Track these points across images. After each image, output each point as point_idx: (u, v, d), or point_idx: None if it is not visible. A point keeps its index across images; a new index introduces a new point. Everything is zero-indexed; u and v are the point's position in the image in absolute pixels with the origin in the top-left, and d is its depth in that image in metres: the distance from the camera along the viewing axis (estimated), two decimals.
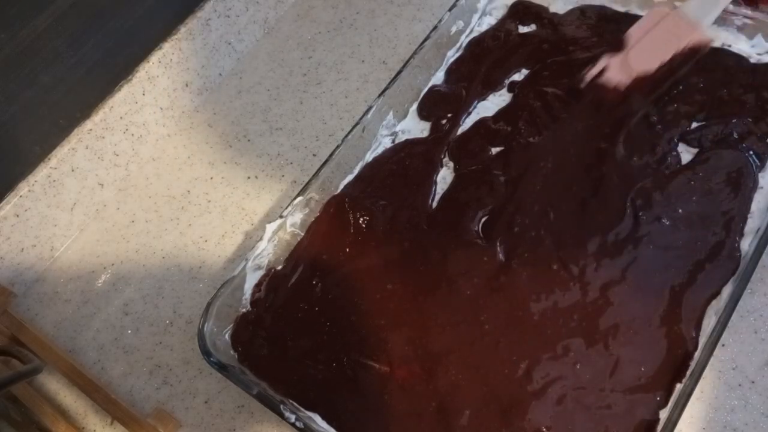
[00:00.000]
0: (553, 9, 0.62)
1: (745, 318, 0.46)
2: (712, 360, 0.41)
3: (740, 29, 0.55)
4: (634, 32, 0.54)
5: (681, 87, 0.53)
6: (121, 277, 0.58)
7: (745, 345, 0.45)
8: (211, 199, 0.61)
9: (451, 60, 0.62)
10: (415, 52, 0.59)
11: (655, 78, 0.53)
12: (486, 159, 0.54)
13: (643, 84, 0.53)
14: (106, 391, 0.50)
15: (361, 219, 0.53)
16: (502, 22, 0.63)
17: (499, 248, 0.49)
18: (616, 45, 0.54)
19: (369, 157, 0.57)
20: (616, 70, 0.54)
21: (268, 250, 0.52)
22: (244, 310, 0.51)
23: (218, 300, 0.48)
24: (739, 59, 0.54)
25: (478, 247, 0.50)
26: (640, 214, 0.48)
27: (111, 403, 0.49)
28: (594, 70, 0.55)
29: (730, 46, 0.55)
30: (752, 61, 0.54)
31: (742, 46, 0.55)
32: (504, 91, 0.59)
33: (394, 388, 0.45)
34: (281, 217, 0.52)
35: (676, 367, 0.42)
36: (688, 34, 0.51)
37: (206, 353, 0.46)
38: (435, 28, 0.60)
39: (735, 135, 0.50)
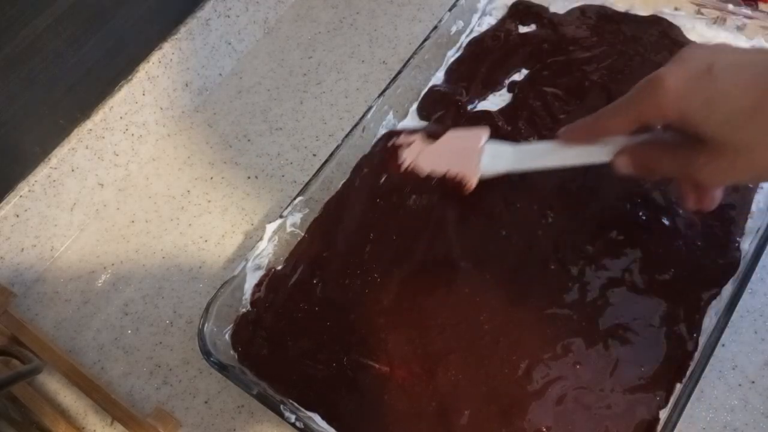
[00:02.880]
0: (553, 9, 0.62)
1: (745, 318, 0.46)
2: (712, 360, 0.41)
3: (740, 29, 0.55)
4: (450, 134, 0.52)
5: None
6: (121, 277, 0.58)
7: (745, 345, 0.45)
8: (211, 199, 0.61)
9: (451, 60, 0.62)
10: (415, 52, 0.59)
11: (414, 178, 0.52)
12: None
13: (409, 177, 0.53)
14: (106, 391, 0.50)
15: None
16: (502, 22, 0.63)
17: (499, 248, 0.49)
18: (435, 135, 0.53)
19: None
20: (413, 152, 0.53)
21: (268, 250, 0.52)
22: (244, 310, 0.51)
23: (218, 300, 0.48)
24: None
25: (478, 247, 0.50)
26: (640, 214, 0.48)
27: (111, 403, 0.49)
28: (407, 140, 0.54)
29: None
30: None
31: (741, 46, 0.55)
32: (504, 91, 0.59)
33: (394, 388, 0.45)
34: (281, 217, 0.52)
35: (676, 367, 0.42)
36: (465, 167, 0.50)
37: (206, 353, 0.46)
38: (435, 28, 0.60)
39: None
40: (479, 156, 0.49)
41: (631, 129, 0.38)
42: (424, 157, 0.53)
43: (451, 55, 0.62)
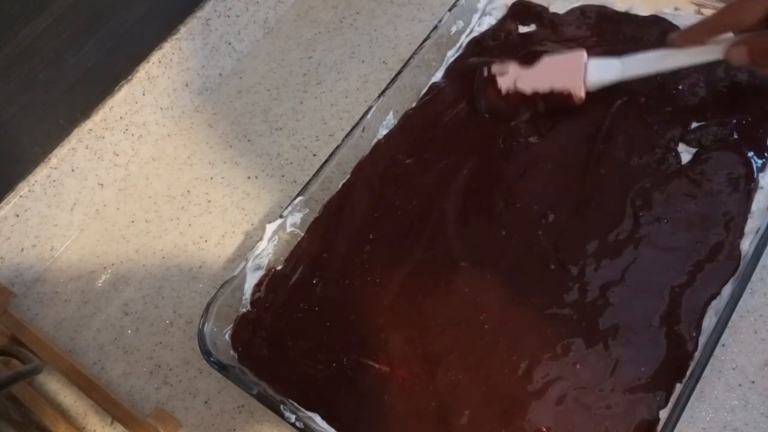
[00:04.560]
0: (553, 9, 0.62)
1: (745, 318, 0.46)
2: (712, 360, 0.41)
3: None
4: (546, 59, 0.54)
5: (681, 86, 0.54)
6: (121, 277, 0.58)
7: (745, 345, 0.45)
8: (211, 199, 0.61)
9: (451, 60, 0.62)
10: (415, 52, 0.59)
11: (520, 99, 0.54)
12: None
13: (512, 98, 0.54)
14: (106, 391, 0.50)
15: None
16: (502, 22, 0.63)
17: (499, 248, 0.49)
18: (528, 59, 0.55)
19: None
20: (510, 78, 0.54)
21: (268, 250, 0.52)
22: (244, 310, 0.51)
23: (218, 300, 0.49)
24: None
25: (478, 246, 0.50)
26: (640, 214, 0.48)
27: (111, 403, 0.49)
28: (501, 69, 0.55)
29: None
30: None
31: None
32: None
33: (394, 388, 0.45)
34: (281, 217, 0.52)
35: (676, 367, 0.42)
36: (570, 82, 0.52)
37: (206, 353, 0.46)
38: (435, 28, 0.60)
39: (735, 135, 0.50)
40: (582, 69, 0.51)
41: (760, 17, 0.41)
42: (522, 79, 0.54)
43: (451, 55, 0.62)
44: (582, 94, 0.52)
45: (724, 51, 0.45)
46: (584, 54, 0.52)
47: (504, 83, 0.55)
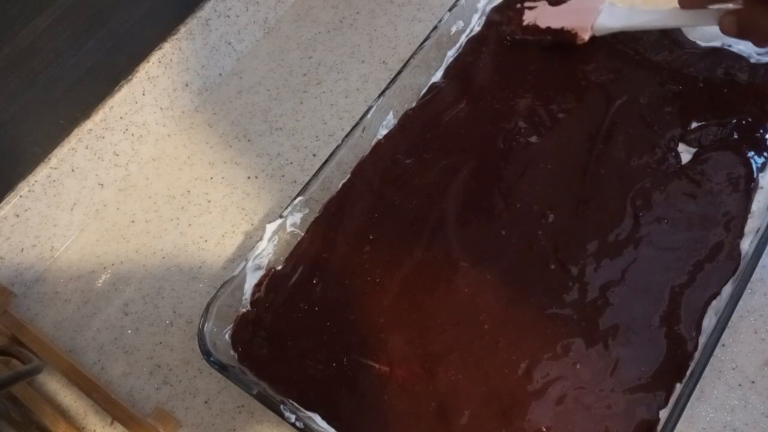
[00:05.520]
0: None
1: (745, 318, 0.46)
2: (712, 360, 0.41)
3: None
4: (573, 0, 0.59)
5: (680, 87, 0.54)
6: (121, 277, 0.58)
7: (745, 345, 0.45)
8: (211, 199, 0.61)
9: (451, 60, 0.62)
10: (415, 52, 0.59)
11: (534, 31, 0.59)
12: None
13: (528, 30, 0.59)
14: (106, 391, 0.50)
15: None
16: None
17: (499, 248, 0.49)
18: (558, 1, 0.60)
19: None
20: (535, 13, 0.60)
21: (268, 250, 0.52)
22: (244, 310, 0.51)
23: (218, 300, 0.48)
24: (739, 59, 0.54)
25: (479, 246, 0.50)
26: (640, 214, 0.48)
27: (111, 403, 0.49)
28: (531, 3, 0.61)
29: (730, 46, 0.55)
30: (752, 61, 0.54)
31: (742, 46, 0.55)
32: None
33: (394, 388, 0.45)
34: (281, 217, 0.52)
35: (676, 367, 0.42)
36: (580, 22, 0.57)
37: (206, 353, 0.46)
38: (435, 28, 0.60)
39: (735, 135, 0.50)
40: (596, 14, 0.56)
41: None
42: (544, 15, 0.59)
43: (451, 55, 0.62)
44: (586, 36, 0.56)
45: (718, 18, 0.47)
46: (606, 0, 0.57)
47: (528, 16, 0.60)
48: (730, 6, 0.46)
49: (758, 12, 0.44)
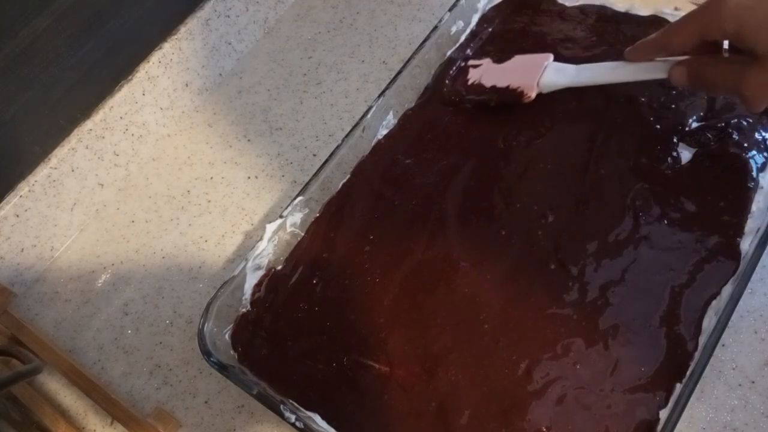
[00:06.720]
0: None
1: (745, 318, 0.46)
2: (712, 360, 0.41)
3: None
4: (516, 57, 0.57)
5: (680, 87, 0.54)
6: (121, 277, 0.58)
7: (745, 345, 0.45)
8: (211, 199, 0.61)
9: None
10: (415, 52, 0.59)
11: (479, 90, 0.56)
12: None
13: (472, 89, 0.57)
14: (106, 391, 0.50)
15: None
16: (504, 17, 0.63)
17: (500, 248, 0.49)
18: (502, 58, 0.58)
19: None
20: (479, 71, 0.58)
21: (268, 250, 0.52)
22: (244, 310, 0.51)
23: (218, 300, 0.48)
24: None
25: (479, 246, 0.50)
26: (640, 214, 0.48)
27: (111, 403, 0.49)
28: (476, 62, 0.59)
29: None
30: None
31: None
32: None
33: (394, 388, 0.45)
34: (281, 217, 0.52)
35: (676, 367, 0.42)
36: (526, 80, 0.54)
37: (206, 353, 0.46)
38: (435, 28, 0.60)
39: (735, 135, 0.50)
40: (541, 72, 0.54)
41: (692, 44, 0.43)
42: (489, 74, 0.57)
43: (451, 55, 0.62)
44: (532, 94, 0.54)
45: (667, 70, 0.46)
46: (550, 57, 0.55)
47: (473, 75, 0.58)
48: (679, 57, 0.45)
49: (706, 62, 0.43)
